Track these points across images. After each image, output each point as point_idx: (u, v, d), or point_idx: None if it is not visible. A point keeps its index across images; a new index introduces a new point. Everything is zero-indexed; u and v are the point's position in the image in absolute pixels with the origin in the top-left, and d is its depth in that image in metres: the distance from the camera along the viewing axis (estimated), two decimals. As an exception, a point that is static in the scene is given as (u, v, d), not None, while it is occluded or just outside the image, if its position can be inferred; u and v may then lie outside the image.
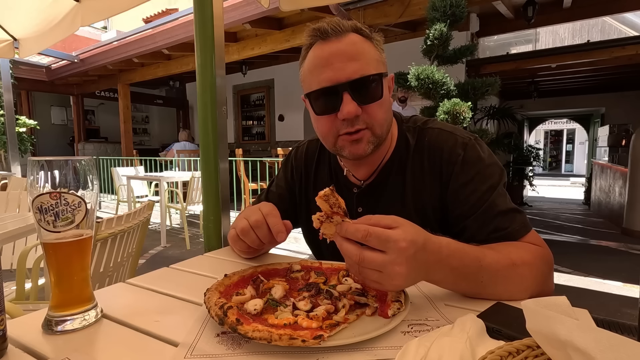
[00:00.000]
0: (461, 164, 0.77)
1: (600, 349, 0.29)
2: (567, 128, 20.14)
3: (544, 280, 0.68)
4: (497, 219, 0.73)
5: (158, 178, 4.67)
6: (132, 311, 0.60)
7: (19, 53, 2.57)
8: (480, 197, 0.75)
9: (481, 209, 0.74)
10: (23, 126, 5.90)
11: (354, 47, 0.74)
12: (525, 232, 0.73)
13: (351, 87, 0.72)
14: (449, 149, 0.79)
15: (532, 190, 8.04)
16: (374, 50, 0.77)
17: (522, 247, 0.70)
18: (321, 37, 0.75)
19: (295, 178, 1.00)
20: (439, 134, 0.82)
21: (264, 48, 5.64)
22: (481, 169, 0.77)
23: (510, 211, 0.74)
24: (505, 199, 0.76)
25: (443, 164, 0.79)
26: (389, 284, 0.52)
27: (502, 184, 0.78)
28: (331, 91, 0.74)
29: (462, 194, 0.77)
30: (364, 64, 0.73)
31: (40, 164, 0.51)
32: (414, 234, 0.52)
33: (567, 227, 5.80)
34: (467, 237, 0.76)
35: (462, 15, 3.74)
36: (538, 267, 0.67)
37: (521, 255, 0.66)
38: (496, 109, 6.04)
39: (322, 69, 0.74)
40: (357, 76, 0.72)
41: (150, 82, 8.63)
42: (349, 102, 0.72)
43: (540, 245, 0.72)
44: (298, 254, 4.03)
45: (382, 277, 0.52)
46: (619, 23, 9.29)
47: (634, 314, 2.52)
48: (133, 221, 1.36)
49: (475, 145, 0.79)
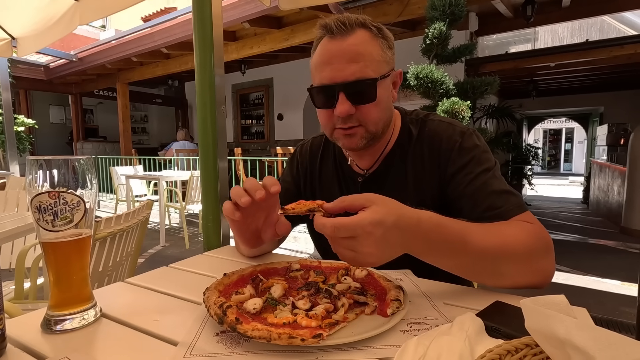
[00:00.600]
0: (458, 149, 0.81)
1: (599, 348, 0.29)
2: (565, 127, 20.15)
3: (538, 258, 0.67)
4: (491, 197, 0.74)
5: (157, 177, 4.66)
6: (132, 310, 0.60)
7: (17, 52, 2.56)
8: (475, 178, 0.77)
9: (475, 188, 0.76)
10: (21, 125, 5.88)
11: (355, 48, 0.76)
12: (519, 212, 0.72)
13: (346, 88, 0.76)
14: (447, 137, 0.83)
15: (531, 189, 8.05)
16: (378, 49, 0.78)
17: (514, 224, 0.70)
18: (328, 33, 0.78)
19: (300, 173, 1.03)
20: (438, 124, 0.87)
21: (263, 47, 5.63)
22: (477, 154, 0.80)
23: (505, 192, 0.75)
24: (500, 181, 0.77)
25: (442, 151, 0.83)
26: (363, 262, 0.55)
27: (497, 168, 0.80)
28: (329, 89, 0.78)
29: (458, 176, 0.79)
30: (362, 66, 0.76)
31: (39, 163, 0.51)
32: (383, 214, 0.53)
33: (566, 226, 5.82)
34: (462, 217, 0.75)
35: (461, 14, 3.74)
36: (531, 245, 0.66)
37: (512, 232, 0.66)
38: (495, 108, 6.05)
39: (323, 66, 0.78)
40: (353, 78, 0.75)
41: (149, 81, 8.62)
42: (343, 101, 0.76)
43: (534, 224, 0.71)
44: (297, 253, 4.03)
45: (356, 257, 0.55)
46: (618, 22, 9.29)
47: (632, 312, 2.53)
48: (132, 220, 1.36)
49: (472, 134, 0.83)
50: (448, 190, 0.82)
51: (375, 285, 0.64)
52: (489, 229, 0.65)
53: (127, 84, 8.04)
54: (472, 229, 0.63)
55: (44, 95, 9.45)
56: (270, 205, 0.73)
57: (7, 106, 3.23)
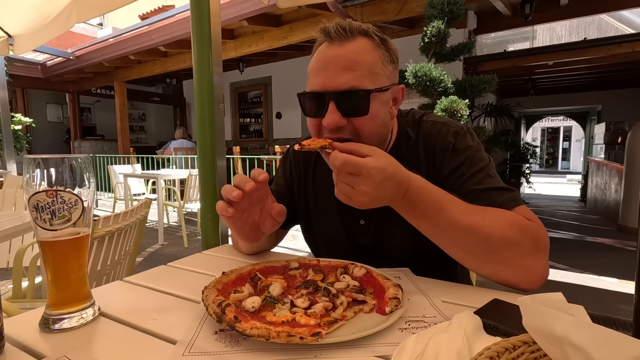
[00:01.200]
0: (452, 150, 0.80)
1: (596, 345, 0.29)
2: (563, 125, 20.18)
3: (522, 253, 0.65)
4: (485, 194, 0.74)
5: (155, 176, 4.65)
6: (130, 309, 0.60)
7: (13, 50, 2.54)
8: (469, 178, 0.77)
9: (469, 189, 0.75)
10: (18, 124, 5.86)
11: (353, 56, 0.71)
12: (514, 205, 0.71)
13: (337, 97, 0.71)
14: (441, 139, 0.82)
15: (529, 187, 8.08)
16: (378, 60, 0.74)
17: (501, 212, 0.68)
18: (327, 38, 0.74)
19: (294, 175, 1.00)
20: (432, 125, 0.86)
21: (261, 45, 5.62)
22: (470, 154, 0.79)
23: (499, 188, 0.74)
24: (494, 179, 0.76)
25: (436, 152, 0.82)
26: (356, 200, 0.61)
27: (492, 166, 0.79)
28: (319, 96, 0.73)
29: (452, 177, 0.79)
30: (358, 75, 0.71)
31: (37, 162, 0.51)
32: (385, 164, 0.60)
33: (564, 224, 5.84)
34: None
35: (459, 13, 3.73)
36: (512, 233, 0.65)
37: (493, 216, 0.66)
38: (493, 107, 6.05)
39: (317, 72, 0.74)
40: (345, 87, 0.70)
41: (147, 79, 8.58)
42: (333, 112, 0.71)
43: (530, 219, 0.69)
44: (296, 252, 4.03)
45: (352, 193, 0.61)
46: (616, 21, 9.31)
47: (629, 310, 2.55)
48: (130, 219, 1.36)
49: (466, 134, 0.82)
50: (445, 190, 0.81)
51: (374, 283, 0.65)
52: (470, 207, 0.66)
53: (124, 82, 8.00)
54: (454, 202, 0.66)
55: (41, 93, 9.41)
56: (262, 195, 0.75)
57: (4, 104, 3.21)
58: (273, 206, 0.75)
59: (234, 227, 0.76)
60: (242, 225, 0.75)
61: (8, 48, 2.55)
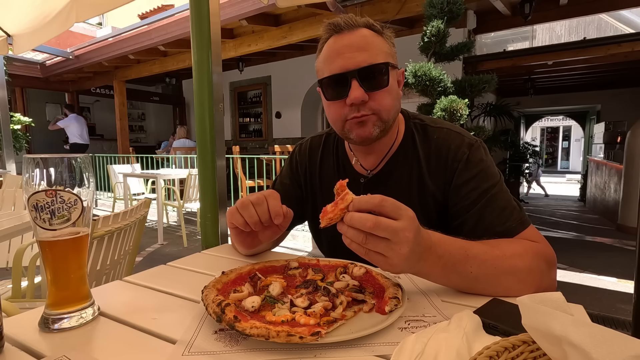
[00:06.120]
0: (465, 162, 0.81)
1: (595, 344, 0.29)
2: (563, 125, 20.19)
3: (540, 275, 0.67)
4: (494, 214, 0.75)
5: (155, 175, 4.64)
6: (130, 309, 0.60)
7: (12, 49, 2.54)
8: (481, 194, 0.77)
9: (479, 205, 0.77)
10: (18, 123, 5.85)
11: (364, 39, 0.78)
12: (522, 229, 0.74)
13: (359, 74, 0.77)
14: (455, 148, 0.83)
15: (531, 189, 8.08)
16: (384, 43, 0.81)
17: (515, 241, 0.71)
18: (335, 31, 0.80)
19: (300, 172, 1.03)
20: (447, 133, 0.87)
21: (260, 45, 5.61)
22: (483, 169, 0.80)
23: (508, 208, 0.76)
24: (504, 195, 0.78)
25: (449, 160, 0.83)
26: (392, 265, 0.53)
27: (502, 182, 0.80)
28: (341, 78, 0.78)
29: (463, 190, 0.80)
30: (372, 54, 0.77)
31: (36, 162, 0.51)
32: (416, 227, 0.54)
33: (563, 223, 5.84)
34: (465, 231, 0.78)
35: (459, 12, 3.73)
36: (531, 260, 0.67)
37: (512, 248, 0.67)
38: (493, 106, 6.06)
39: (334, 58, 0.79)
40: (365, 64, 0.76)
41: (146, 79, 8.57)
42: (356, 88, 0.77)
43: (538, 241, 0.72)
44: (296, 251, 4.04)
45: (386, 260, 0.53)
46: (615, 20, 9.32)
47: (628, 309, 2.55)
48: (130, 219, 1.36)
49: (480, 147, 0.84)
50: (452, 200, 0.82)
51: (374, 283, 0.65)
52: (488, 245, 0.66)
53: (124, 82, 7.99)
54: (473, 244, 0.64)
55: (40, 93, 9.39)
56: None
57: (3, 104, 3.21)
58: (277, 218, 0.74)
59: (235, 235, 0.81)
60: (245, 236, 0.80)
61: (7, 47, 2.55)
